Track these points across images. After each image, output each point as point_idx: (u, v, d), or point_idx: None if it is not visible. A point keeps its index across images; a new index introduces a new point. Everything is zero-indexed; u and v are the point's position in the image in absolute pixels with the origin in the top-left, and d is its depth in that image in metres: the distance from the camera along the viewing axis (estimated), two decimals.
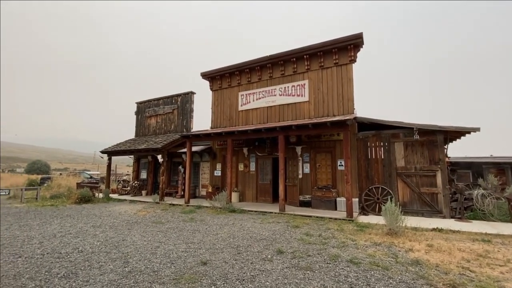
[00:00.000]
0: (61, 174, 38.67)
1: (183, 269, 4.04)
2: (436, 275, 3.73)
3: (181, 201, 11.87)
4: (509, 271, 3.89)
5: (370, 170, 9.50)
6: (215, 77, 13.61)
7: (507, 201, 7.85)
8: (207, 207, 10.27)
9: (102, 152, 15.19)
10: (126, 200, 13.29)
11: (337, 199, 9.35)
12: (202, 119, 17.07)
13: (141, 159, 16.86)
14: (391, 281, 3.56)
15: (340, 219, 7.83)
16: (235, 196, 11.72)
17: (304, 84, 11.10)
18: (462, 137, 9.30)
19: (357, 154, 9.65)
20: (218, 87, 13.60)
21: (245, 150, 12.40)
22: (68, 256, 4.64)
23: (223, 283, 3.53)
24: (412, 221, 6.95)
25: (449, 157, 9.77)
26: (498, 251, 4.84)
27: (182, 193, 13.48)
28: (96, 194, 13.94)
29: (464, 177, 12.67)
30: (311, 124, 8.70)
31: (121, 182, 17.12)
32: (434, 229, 6.53)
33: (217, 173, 13.18)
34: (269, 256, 4.57)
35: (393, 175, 9.10)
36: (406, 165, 8.97)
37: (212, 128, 13.49)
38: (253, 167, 12.25)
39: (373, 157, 9.53)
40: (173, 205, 11.25)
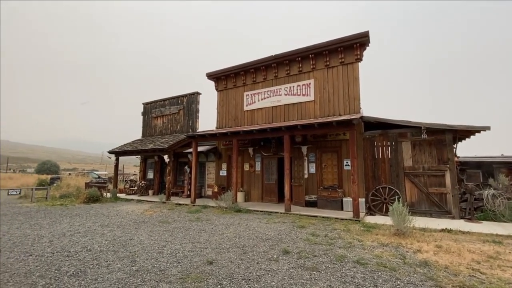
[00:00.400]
0: (70, 174, 39.40)
1: (189, 268, 4.06)
2: (445, 277, 3.67)
3: (187, 201, 11.95)
4: None
5: (377, 170, 9.39)
6: (220, 78, 13.66)
7: None
8: (213, 206, 10.32)
9: (110, 153, 15.40)
10: (133, 199, 13.46)
11: (343, 199, 9.28)
12: (206, 120, 17.15)
13: (148, 159, 17.04)
14: (398, 282, 3.51)
15: (346, 219, 7.76)
16: (240, 196, 11.75)
17: (310, 84, 11.04)
18: (471, 136, 9.13)
19: (363, 153, 9.55)
20: (223, 87, 13.64)
21: (250, 150, 12.41)
22: (77, 255, 4.73)
23: (229, 283, 3.54)
24: (420, 222, 6.86)
25: (458, 157, 9.59)
26: (510, 252, 4.73)
27: (188, 193, 13.58)
28: (104, 194, 14.16)
29: (474, 177, 12.41)
30: (317, 123, 8.65)
31: (128, 182, 17.33)
32: (443, 230, 6.42)
33: (223, 173, 13.22)
34: (275, 256, 4.57)
35: (400, 175, 8.98)
36: (414, 165, 8.84)
37: (217, 128, 13.54)
38: (258, 167, 12.25)
39: (380, 156, 9.42)
40: (179, 204, 11.34)
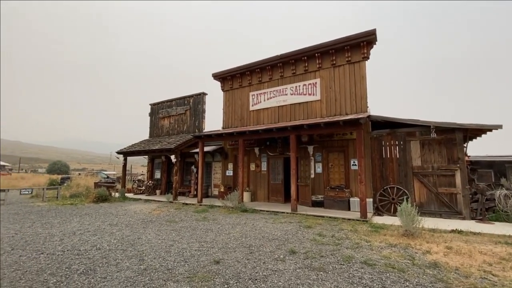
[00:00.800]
0: (79, 174, 40.16)
1: (196, 267, 4.09)
2: (456, 279, 3.59)
3: (194, 201, 12.03)
4: None
5: (385, 169, 9.27)
6: (226, 78, 13.70)
7: None
8: (219, 206, 10.36)
9: (118, 153, 15.64)
10: (141, 199, 13.64)
11: (351, 199, 9.19)
12: (212, 120, 17.22)
13: (155, 159, 17.23)
14: (407, 283, 3.46)
15: (353, 219, 7.69)
16: (246, 196, 11.76)
17: (316, 83, 10.97)
18: (483, 135, 8.93)
19: (371, 153, 9.44)
20: (229, 87, 13.67)
21: (256, 150, 12.42)
22: (87, 253, 4.81)
23: (236, 282, 3.55)
24: (429, 222, 6.75)
25: (469, 156, 9.39)
26: None
27: (195, 192, 13.67)
28: (113, 194, 14.38)
29: (486, 176, 12.12)
30: (323, 123, 8.59)
31: (136, 181, 17.56)
32: (453, 231, 6.29)
33: (229, 173, 13.27)
34: (282, 256, 4.56)
35: (409, 175, 8.84)
36: (423, 164, 8.69)
37: (223, 128, 13.59)
38: (264, 166, 12.25)
39: (388, 156, 9.29)
40: (186, 204, 11.43)
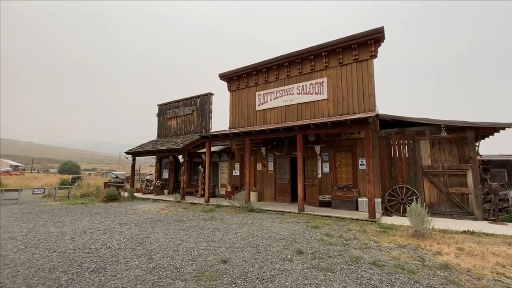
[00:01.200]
0: (90, 174, 40.95)
1: (204, 266, 4.12)
2: (468, 281, 3.51)
3: (201, 200, 12.12)
4: None
5: (394, 169, 9.13)
6: (232, 78, 13.74)
7: None
8: (226, 206, 10.41)
9: (127, 153, 15.90)
10: (149, 199, 13.82)
11: (359, 199, 9.09)
12: (219, 120, 17.29)
13: (163, 159, 17.44)
14: (417, 285, 3.40)
15: (362, 220, 7.60)
16: (253, 196, 11.77)
17: (323, 82, 10.89)
18: (495, 134, 8.69)
19: (379, 152, 9.31)
20: (235, 87, 13.71)
21: (263, 150, 12.41)
22: (97, 252, 4.91)
23: (243, 282, 3.56)
24: (440, 223, 6.62)
25: (481, 155, 9.15)
26: None
27: (202, 192, 13.77)
28: (122, 193, 14.60)
29: (498, 176, 11.79)
30: (330, 122, 8.52)
31: (145, 181, 17.81)
32: (464, 232, 6.16)
33: (236, 172, 13.31)
34: (289, 256, 4.55)
35: (418, 175, 8.68)
36: (433, 164, 8.52)
37: (230, 128, 13.63)
38: (271, 166, 12.23)
39: (397, 155, 9.15)
40: (194, 204, 11.52)
